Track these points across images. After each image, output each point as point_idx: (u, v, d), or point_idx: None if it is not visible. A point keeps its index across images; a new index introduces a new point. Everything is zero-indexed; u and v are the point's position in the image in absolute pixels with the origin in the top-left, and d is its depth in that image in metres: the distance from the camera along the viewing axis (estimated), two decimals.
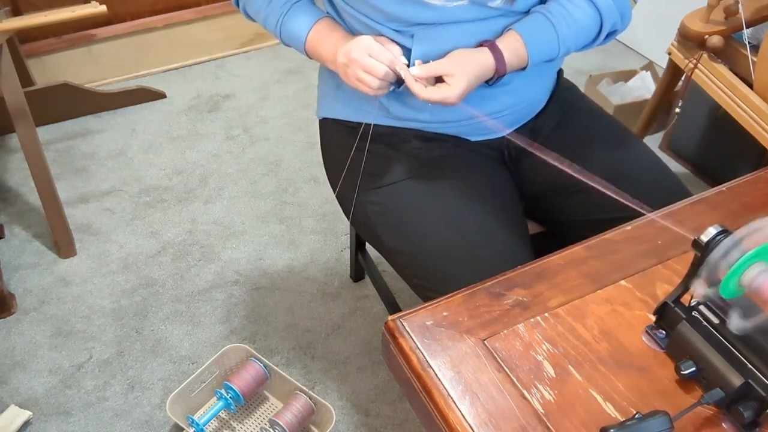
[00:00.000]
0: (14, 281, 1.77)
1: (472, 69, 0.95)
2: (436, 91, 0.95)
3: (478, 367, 0.70)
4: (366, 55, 0.96)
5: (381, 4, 0.98)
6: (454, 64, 0.95)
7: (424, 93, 0.95)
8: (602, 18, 1.03)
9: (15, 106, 1.62)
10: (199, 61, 2.61)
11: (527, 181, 1.16)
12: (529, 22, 1.00)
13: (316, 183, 2.07)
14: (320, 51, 1.05)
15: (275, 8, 1.07)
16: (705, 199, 0.92)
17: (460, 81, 0.94)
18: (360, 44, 0.97)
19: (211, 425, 1.45)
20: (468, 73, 0.95)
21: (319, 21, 1.05)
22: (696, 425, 0.66)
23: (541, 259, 0.83)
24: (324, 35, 1.04)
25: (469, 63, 0.96)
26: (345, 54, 0.99)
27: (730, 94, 1.54)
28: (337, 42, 1.02)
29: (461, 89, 0.94)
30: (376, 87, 0.98)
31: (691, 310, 0.71)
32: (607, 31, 1.05)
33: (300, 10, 1.06)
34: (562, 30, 1.00)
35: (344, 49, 0.99)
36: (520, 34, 0.98)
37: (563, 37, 1.01)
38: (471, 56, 0.96)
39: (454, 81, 0.94)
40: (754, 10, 1.54)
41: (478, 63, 0.96)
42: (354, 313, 1.70)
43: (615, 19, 1.04)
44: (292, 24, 1.06)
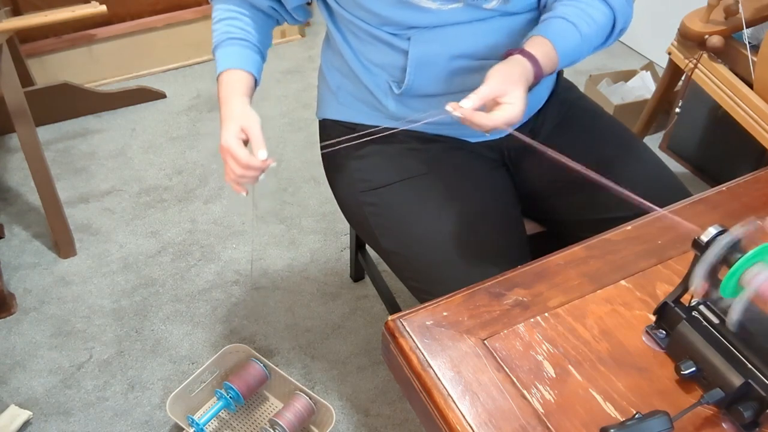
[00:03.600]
0: (14, 281, 1.77)
1: (519, 79, 0.89)
2: (500, 115, 0.87)
3: (478, 367, 0.70)
4: (227, 158, 0.98)
5: (376, 8, 0.98)
6: (501, 82, 0.88)
7: (490, 121, 0.86)
8: (615, 14, 1.00)
9: (15, 106, 1.62)
10: (199, 61, 2.61)
11: (526, 182, 1.16)
12: (550, 26, 0.97)
13: (316, 183, 2.07)
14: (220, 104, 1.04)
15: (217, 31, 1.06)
16: (705, 199, 0.92)
17: (517, 95, 0.88)
18: (222, 148, 0.98)
19: (211, 425, 1.45)
20: (519, 85, 0.89)
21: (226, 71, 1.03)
22: (696, 425, 0.66)
23: (541, 259, 0.83)
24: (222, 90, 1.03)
25: (513, 75, 0.89)
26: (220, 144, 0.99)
27: (730, 94, 1.54)
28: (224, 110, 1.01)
29: (522, 102, 0.88)
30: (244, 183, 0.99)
31: (691, 310, 0.71)
32: (620, 28, 1.02)
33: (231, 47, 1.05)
34: (584, 29, 0.97)
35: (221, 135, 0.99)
36: (545, 36, 0.95)
37: (586, 36, 0.98)
38: (511, 68, 0.90)
39: (511, 97, 0.87)
40: (754, 10, 1.54)
41: (521, 71, 0.90)
42: (354, 313, 1.70)
43: (627, 14, 1.01)
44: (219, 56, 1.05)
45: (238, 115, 0.98)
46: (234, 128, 0.97)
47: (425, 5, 0.96)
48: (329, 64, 1.16)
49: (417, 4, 0.96)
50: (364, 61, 1.07)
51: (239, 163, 0.96)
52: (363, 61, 1.07)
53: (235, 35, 1.05)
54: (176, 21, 2.49)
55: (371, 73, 1.07)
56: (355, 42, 1.06)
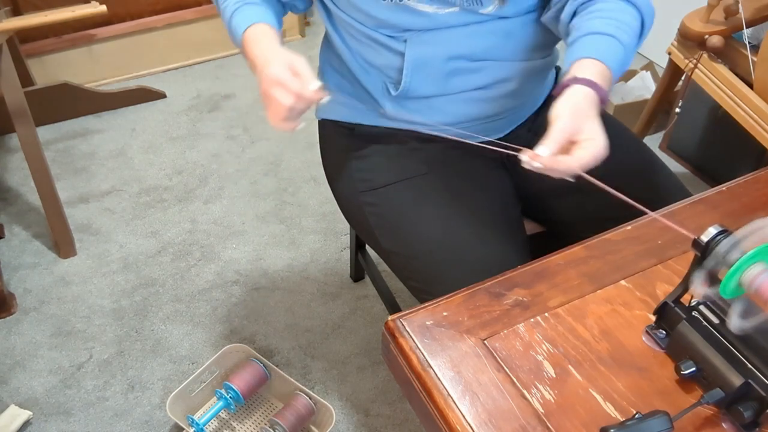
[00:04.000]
0: (14, 281, 1.77)
1: (589, 110, 0.83)
2: (585, 153, 0.79)
3: (478, 367, 0.70)
4: (273, 86, 0.89)
5: (373, 11, 0.98)
6: (572, 119, 0.81)
7: (576, 162, 0.79)
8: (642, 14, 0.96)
9: (15, 106, 1.62)
10: (199, 61, 2.61)
11: (526, 182, 1.16)
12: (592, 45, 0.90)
13: (316, 183, 2.07)
14: (248, 56, 0.98)
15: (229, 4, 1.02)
16: (705, 199, 0.92)
17: (594, 128, 0.81)
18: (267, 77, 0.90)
19: (211, 425, 1.45)
20: (591, 116, 0.82)
21: (253, 25, 0.99)
22: (696, 425, 0.66)
23: (541, 259, 0.83)
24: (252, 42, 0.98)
25: (581, 107, 0.82)
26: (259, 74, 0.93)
27: (730, 94, 1.54)
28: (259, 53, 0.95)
29: (602, 133, 0.81)
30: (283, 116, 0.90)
31: (691, 310, 0.71)
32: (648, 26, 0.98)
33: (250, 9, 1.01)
34: (624, 38, 0.92)
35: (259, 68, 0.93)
36: (595, 58, 0.88)
37: (627, 44, 0.92)
38: (576, 100, 0.83)
39: (588, 132, 0.81)
40: (754, 10, 1.54)
41: (587, 100, 0.84)
42: (354, 313, 1.70)
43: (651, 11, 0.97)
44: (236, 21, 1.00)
45: (282, 53, 0.92)
46: (280, 62, 0.91)
47: (422, 9, 0.97)
48: (328, 64, 1.16)
49: (413, 8, 0.96)
50: (362, 62, 1.07)
51: (292, 92, 0.89)
52: (360, 62, 1.07)
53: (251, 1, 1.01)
54: (176, 21, 2.49)
55: (368, 74, 1.07)
56: (353, 43, 1.06)
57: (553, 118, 0.82)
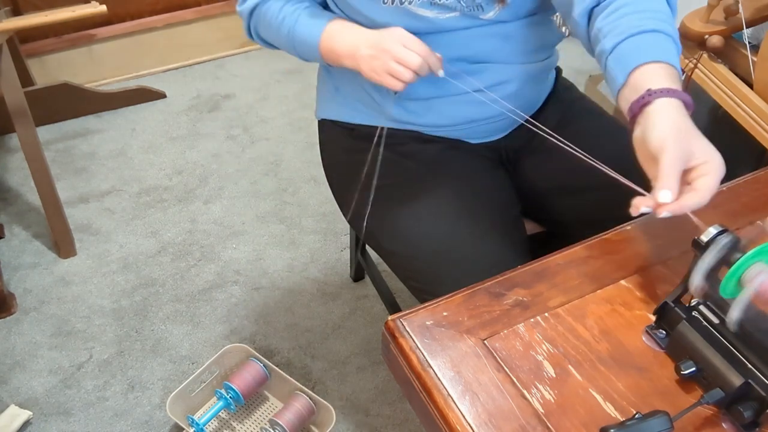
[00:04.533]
0: (14, 281, 1.77)
1: (689, 128, 0.74)
2: (707, 182, 0.72)
3: (478, 367, 0.70)
4: (399, 45, 0.92)
5: (374, 14, 0.98)
6: (679, 147, 0.71)
7: (701, 197, 0.71)
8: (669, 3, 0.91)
9: (15, 106, 1.62)
10: (199, 61, 2.60)
11: (526, 182, 1.16)
12: (643, 47, 0.82)
13: (316, 183, 2.07)
14: (337, 46, 1.00)
15: (287, 14, 1.03)
16: None
17: (703, 147, 0.73)
18: (393, 34, 0.93)
19: (211, 425, 1.45)
20: (694, 134, 0.74)
21: (333, 19, 1.02)
22: (696, 425, 0.66)
23: (541, 259, 0.83)
24: (340, 30, 1.01)
25: (681, 128, 0.74)
26: (373, 45, 0.95)
27: (730, 94, 1.54)
28: (358, 34, 0.98)
29: (714, 152, 0.73)
30: (408, 80, 0.93)
31: (691, 310, 0.71)
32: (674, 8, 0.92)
33: (311, 13, 1.03)
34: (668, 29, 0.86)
35: (371, 39, 0.95)
36: (653, 60, 0.80)
37: (672, 34, 0.86)
38: (674, 123, 0.74)
39: (700, 155, 0.72)
40: (754, 10, 1.54)
41: (682, 118, 0.75)
42: (354, 313, 1.70)
43: None
44: (305, 26, 1.02)
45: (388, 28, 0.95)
46: (399, 28, 0.94)
47: (423, 14, 0.97)
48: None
49: (414, 12, 0.97)
50: None
51: (419, 50, 0.92)
52: None
53: (304, 5, 1.04)
54: (176, 21, 2.49)
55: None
56: None
57: (657, 150, 0.71)
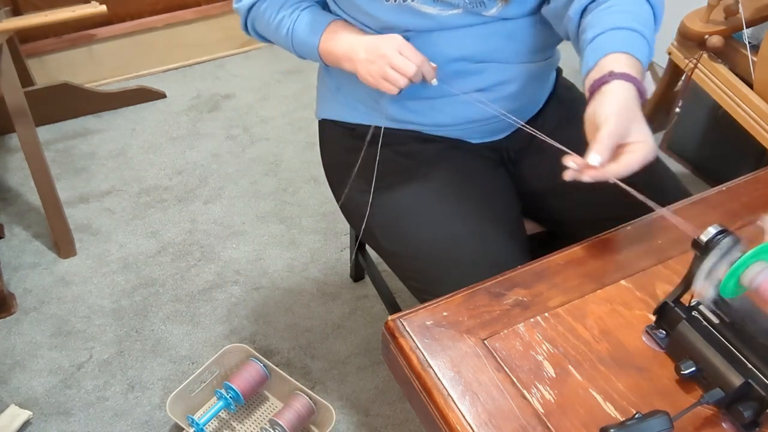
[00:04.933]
0: (14, 281, 1.77)
1: (633, 109, 0.80)
2: (634, 158, 0.77)
3: (478, 367, 0.70)
4: (396, 52, 0.94)
5: (376, 12, 0.98)
6: (617, 123, 0.77)
7: (626, 167, 0.77)
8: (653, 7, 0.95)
9: (15, 106, 1.62)
10: (199, 61, 2.60)
11: (526, 182, 1.16)
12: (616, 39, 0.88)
13: (316, 183, 2.07)
14: (335, 48, 1.02)
15: (285, 15, 1.05)
16: (705, 199, 0.92)
17: (642, 129, 0.78)
18: (390, 41, 0.95)
19: (211, 425, 1.45)
20: (637, 116, 0.80)
21: (333, 21, 1.04)
22: (696, 425, 0.66)
23: (541, 259, 0.83)
24: (339, 32, 1.02)
25: (627, 108, 0.79)
26: (371, 50, 0.96)
27: (730, 94, 1.54)
28: (357, 38, 1.00)
29: (649, 136, 0.78)
30: (402, 86, 0.95)
31: (691, 310, 0.71)
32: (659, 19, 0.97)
33: (311, 14, 1.05)
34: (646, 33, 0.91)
35: (369, 44, 0.97)
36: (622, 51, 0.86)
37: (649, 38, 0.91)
38: (621, 101, 0.80)
39: (637, 134, 0.78)
40: (754, 10, 1.54)
41: (631, 100, 0.81)
42: (354, 313, 1.70)
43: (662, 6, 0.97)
44: (305, 26, 1.04)
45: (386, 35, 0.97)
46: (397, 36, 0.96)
47: (425, 11, 0.97)
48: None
49: (417, 9, 0.96)
50: None
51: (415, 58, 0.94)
52: None
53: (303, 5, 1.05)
54: (176, 21, 2.49)
55: None
56: None
57: (601, 121, 0.77)
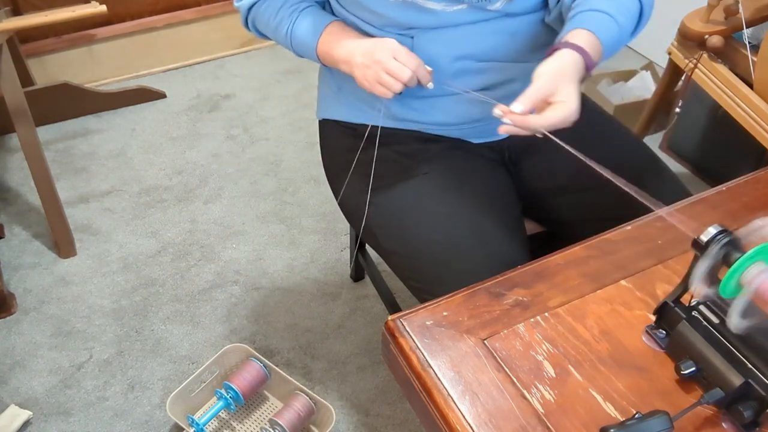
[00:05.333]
0: (14, 281, 1.77)
1: (570, 74, 0.86)
2: (554, 114, 0.83)
3: (478, 367, 0.70)
4: (391, 57, 0.94)
5: (380, 8, 0.98)
6: (551, 79, 0.85)
7: (544, 122, 0.83)
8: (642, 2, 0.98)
9: (15, 106, 1.62)
10: (199, 61, 2.61)
11: (527, 182, 1.16)
12: (589, 18, 0.93)
13: (316, 183, 2.07)
14: (333, 51, 1.02)
15: (284, 16, 1.05)
16: (705, 199, 0.92)
17: (569, 92, 0.84)
18: (385, 46, 0.95)
19: (211, 425, 1.45)
20: (570, 80, 0.85)
21: (331, 23, 1.04)
22: (696, 425, 0.66)
23: (541, 259, 0.83)
24: (338, 35, 1.02)
25: (562, 70, 0.86)
26: (366, 54, 0.96)
27: (730, 94, 1.54)
28: (354, 42, 1.00)
29: (575, 98, 0.84)
30: (397, 90, 0.95)
31: (691, 310, 0.71)
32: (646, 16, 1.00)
33: (310, 15, 1.05)
34: (620, 19, 0.94)
35: (365, 49, 0.97)
36: (587, 29, 0.91)
37: (623, 25, 0.95)
38: (560, 63, 0.86)
39: (563, 95, 0.84)
40: (754, 10, 1.54)
41: (571, 65, 0.86)
42: (354, 313, 1.70)
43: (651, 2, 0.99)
44: (303, 28, 1.04)
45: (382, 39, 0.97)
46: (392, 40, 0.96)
47: (430, 6, 0.96)
48: None
49: (421, 5, 0.96)
50: None
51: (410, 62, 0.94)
52: None
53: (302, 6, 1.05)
54: (176, 21, 2.49)
55: None
56: None
57: (535, 77, 0.85)
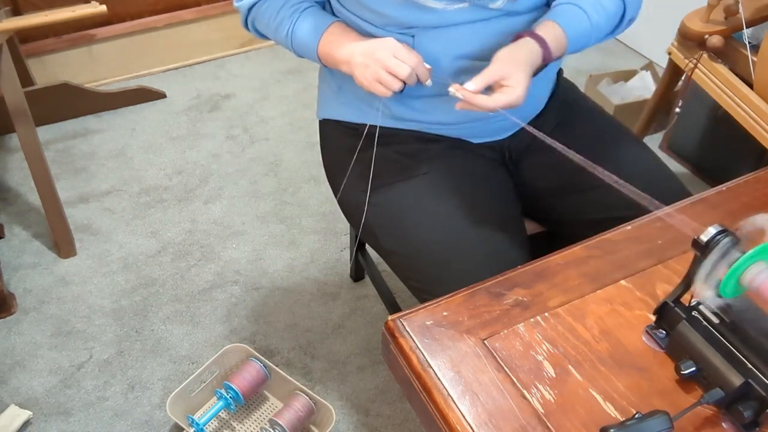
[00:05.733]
0: (14, 281, 1.77)
1: (524, 63, 0.92)
2: (502, 97, 0.90)
3: (478, 367, 0.70)
4: (391, 55, 0.94)
5: (382, 8, 0.98)
6: (505, 64, 0.91)
7: (491, 103, 0.90)
8: (625, 5, 1.03)
9: (15, 106, 1.62)
10: (199, 61, 2.61)
11: (527, 182, 1.16)
12: (563, 11, 0.99)
13: (316, 183, 2.07)
14: (334, 52, 1.02)
15: (285, 17, 1.05)
16: (705, 199, 0.92)
17: (519, 79, 0.91)
18: (385, 45, 0.95)
19: (211, 425, 1.45)
20: (523, 68, 0.92)
21: (332, 23, 1.04)
22: (696, 425, 0.66)
23: (541, 259, 0.83)
24: (338, 36, 1.03)
25: (519, 58, 0.92)
26: (366, 54, 0.97)
27: (730, 94, 1.54)
28: (354, 42, 1.00)
29: (523, 86, 0.91)
30: (396, 89, 0.96)
31: (691, 310, 0.71)
32: (629, 18, 1.05)
33: (311, 16, 1.05)
34: (594, 17, 0.99)
35: (365, 48, 0.97)
36: (556, 21, 0.97)
37: (596, 24, 1.00)
38: (518, 51, 0.93)
39: (513, 81, 0.91)
40: (754, 10, 1.54)
41: (528, 54, 0.93)
42: (354, 313, 1.70)
43: (636, 4, 1.04)
44: (304, 29, 1.04)
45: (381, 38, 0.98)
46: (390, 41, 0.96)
47: (431, 5, 0.96)
48: None
49: (423, 4, 0.96)
50: None
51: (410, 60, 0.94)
52: None
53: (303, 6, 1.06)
54: (176, 21, 2.49)
55: None
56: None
57: (493, 60, 0.92)
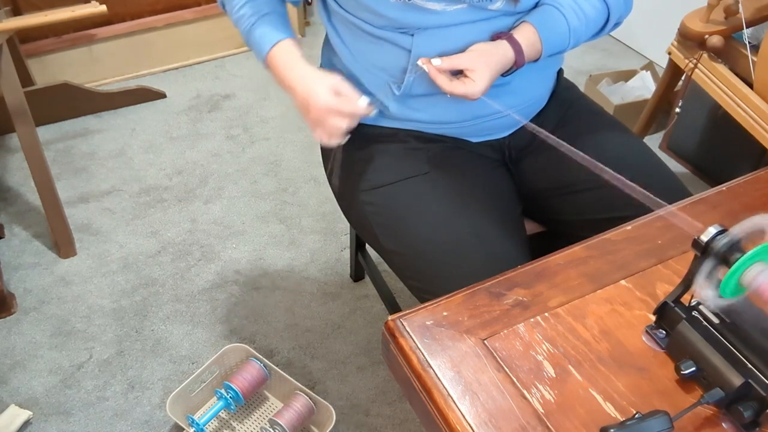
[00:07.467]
0: (14, 281, 1.77)
1: (493, 63, 0.96)
2: (460, 86, 0.95)
3: (478, 367, 0.70)
4: (326, 116, 0.96)
5: (381, 9, 0.98)
6: (476, 58, 0.95)
7: (448, 86, 0.95)
8: (609, 10, 1.05)
9: (15, 106, 1.62)
10: (199, 61, 2.61)
11: (527, 181, 1.16)
12: (543, 15, 1.01)
13: (316, 183, 2.07)
14: (277, 73, 1.03)
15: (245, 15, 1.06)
16: (705, 199, 0.92)
17: (483, 76, 0.95)
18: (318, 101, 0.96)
19: (211, 425, 1.45)
20: (490, 68, 0.95)
21: (280, 42, 1.04)
22: (696, 425, 0.66)
23: (541, 259, 0.83)
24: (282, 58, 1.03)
25: (490, 57, 0.96)
26: (301, 104, 0.99)
27: (730, 94, 1.54)
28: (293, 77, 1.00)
29: (484, 84, 0.95)
30: (340, 139, 0.98)
31: (691, 310, 0.71)
32: (613, 23, 1.07)
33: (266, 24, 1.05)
34: (573, 23, 1.02)
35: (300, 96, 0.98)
36: (534, 26, 1.00)
37: (574, 29, 1.02)
38: (491, 50, 0.97)
39: (477, 76, 0.95)
40: (754, 10, 1.54)
41: (500, 57, 0.97)
42: (354, 313, 1.70)
43: (621, 11, 1.06)
44: (257, 36, 1.05)
45: (320, 78, 0.99)
46: (324, 88, 0.97)
47: (430, 7, 0.97)
48: (329, 64, 1.16)
49: (422, 6, 0.96)
50: (364, 63, 1.07)
51: (345, 115, 0.96)
52: (362, 62, 1.07)
53: (263, 11, 1.06)
54: (176, 21, 2.49)
55: (371, 74, 1.07)
56: (355, 43, 1.06)
57: (468, 50, 0.97)
